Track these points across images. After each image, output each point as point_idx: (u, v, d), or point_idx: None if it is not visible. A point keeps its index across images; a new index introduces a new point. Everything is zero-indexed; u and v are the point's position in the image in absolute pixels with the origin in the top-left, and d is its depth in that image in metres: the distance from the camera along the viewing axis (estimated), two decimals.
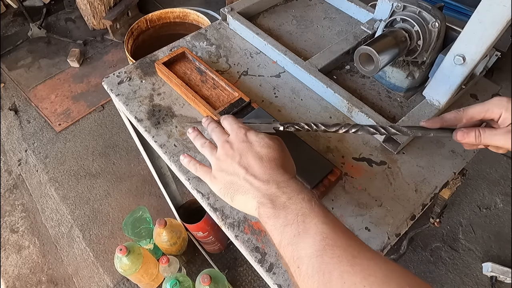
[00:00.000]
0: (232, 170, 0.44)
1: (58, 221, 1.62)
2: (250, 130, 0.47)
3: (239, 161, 0.44)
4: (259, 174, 0.43)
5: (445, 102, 0.63)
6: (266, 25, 0.85)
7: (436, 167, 0.62)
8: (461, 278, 1.44)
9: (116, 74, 0.73)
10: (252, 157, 0.44)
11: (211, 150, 0.48)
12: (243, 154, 0.45)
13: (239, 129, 0.47)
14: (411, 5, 0.61)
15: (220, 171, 0.46)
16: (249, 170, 0.43)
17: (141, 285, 1.38)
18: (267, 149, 0.45)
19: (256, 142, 0.45)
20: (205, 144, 0.50)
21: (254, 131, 0.47)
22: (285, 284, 0.50)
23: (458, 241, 1.53)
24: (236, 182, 0.44)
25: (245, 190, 0.43)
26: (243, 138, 0.46)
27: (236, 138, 0.46)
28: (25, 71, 2.17)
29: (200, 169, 0.49)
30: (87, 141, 1.86)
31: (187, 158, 0.52)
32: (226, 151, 0.46)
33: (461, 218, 1.59)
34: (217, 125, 0.51)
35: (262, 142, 0.45)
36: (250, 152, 0.45)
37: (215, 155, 0.47)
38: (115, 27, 2.21)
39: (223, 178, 0.45)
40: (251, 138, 0.46)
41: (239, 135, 0.47)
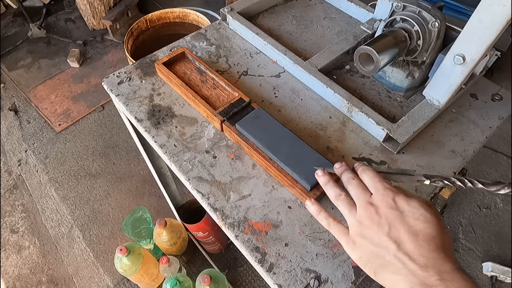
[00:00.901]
0: (378, 242, 0.38)
1: (58, 221, 1.62)
2: (399, 193, 0.39)
3: (388, 232, 0.37)
4: (415, 255, 0.36)
5: (445, 101, 0.63)
6: (266, 25, 0.85)
7: (436, 167, 0.62)
8: None
9: (116, 74, 0.73)
10: (405, 231, 0.37)
11: (350, 208, 0.41)
12: (393, 225, 0.38)
13: (386, 191, 0.40)
14: (411, 5, 0.61)
15: (362, 238, 0.39)
16: (402, 246, 0.36)
17: (141, 285, 1.38)
18: (423, 223, 0.37)
19: (408, 211, 0.38)
20: (341, 197, 0.43)
21: (405, 196, 0.39)
22: (285, 284, 0.50)
23: (458, 240, 1.53)
24: (383, 256, 0.37)
25: (395, 270, 0.36)
26: (392, 204, 0.39)
27: (382, 202, 0.39)
28: (25, 72, 2.17)
29: (335, 226, 0.43)
30: (87, 141, 1.86)
31: (316, 206, 0.45)
32: (371, 215, 0.39)
33: (461, 218, 1.59)
34: (354, 176, 0.44)
35: (416, 214, 0.37)
36: (402, 223, 0.37)
37: (355, 216, 0.40)
38: (115, 27, 2.21)
39: (365, 248, 0.39)
40: (402, 205, 0.38)
41: (386, 198, 0.39)
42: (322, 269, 0.51)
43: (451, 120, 0.68)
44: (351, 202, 0.42)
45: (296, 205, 0.57)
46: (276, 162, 0.58)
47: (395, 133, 0.60)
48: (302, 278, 0.50)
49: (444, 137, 0.65)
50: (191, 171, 0.60)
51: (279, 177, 0.58)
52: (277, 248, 0.53)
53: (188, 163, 0.61)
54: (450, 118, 0.68)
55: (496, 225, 1.56)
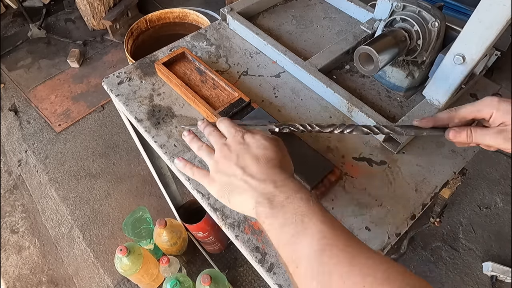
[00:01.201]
0: (229, 171, 0.45)
1: (58, 221, 1.62)
2: (247, 132, 0.48)
3: (236, 161, 0.45)
4: (256, 174, 0.43)
5: (445, 101, 0.63)
6: (265, 25, 0.85)
7: (436, 167, 0.62)
8: (462, 277, 1.44)
9: (116, 74, 0.73)
10: (249, 158, 0.44)
11: (209, 153, 0.49)
12: (240, 155, 0.45)
13: (236, 132, 0.48)
14: (410, 4, 0.61)
15: (217, 173, 0.46)
16: (246, 170, 0.44)
17: (141, 285, 1.38)
18: (263, 150, 0.45)
19: (253, 143, 0.46)
20: (202, 147, 0.50)
21: (251, 133, 0.48)
22: (286, 284, 0.50)
23: (459, 240, 1.53)
24: (233, 182, 0.44)
25: (242, 190, 0.43)
26: (240, 140, 0.47)
27: (233, 140, 0.47)
28: (25, 72, 2.17)
29: (197, 172, 0.49)
30: (87, 141, 1.86)
31: (182, 162, 0.51)
32: (224, 153, 0.46)
33: (461, 218, 1.59)
34: (214, 129, 0.51)
35: (258, 143, 0.46)
36: (247, 153, 0.45)
37: (213, 157, 0.48)
38: (114, 28, 2.21)
39: (220, 180, 0.45)
40: (248, 139, 0.47)
41: (236, 137, 0.47)
42: None
43: None
44: (210, 149, 0.49)
45: None
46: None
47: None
48: None
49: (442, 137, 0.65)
50: None
51: None
52: None
53: None
54: None
55: (496, 225, 1.56)
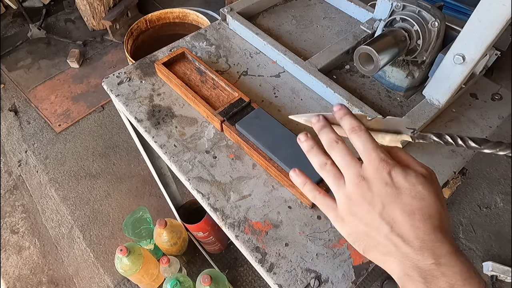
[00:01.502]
0: (370, 221, 0.34)
1: (59, 221, 1.62)
2: (396, 166, 0.34)
3: (381, 212, 0.33)
4: (409, 237, 0.32)
5: (445, 101, 0.63)
6: (265, 25, 0.85)
7: (436, 167, 0.62)
8: None
9: (116, 74, 0.73)
10: (400, 211, 0.33)
11: (338, 180, 0.36)
12: (387, 204, 0.33)
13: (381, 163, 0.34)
14: (410, 4, 0.61)
15: (351, 215, 0.35)
16: (395, 228, 0.33)
17: (141, 285, 1.38)
18: (420, 201, 0.33)
19: (405, 189, 0.33)
20: (326, 166, 0.36)
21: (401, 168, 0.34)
22: (286, 284, 0.50)
23: (459, 240, 1.53)
24: (374, 237, 0.34)
25: (387, 252, 0.33)
26: (387, 180, 0.33)
27: (376, 176, 0.34)
28: (25, 72, 2.17)
29: (321, 200, 0.38)
30: (87, 141, 1.86)
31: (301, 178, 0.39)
32: (363, 191, 0.34)
33: (461, 217, 1.59)
34: (337, 138, 0.36)
35: (414, 191, 0.33)
36: (397, 202, 0.33)
37: (344, 190, 0.35)
38: (114, 28, 2.21)
39: (355, 226, 0.35)
40: (399, 181, 0.33)
41: (381, 172, 0.33)
42: (322, 269, 0.51)
43: (451, 120, 0.68)
44: (338, 173, 0.36)
45: (296, 205, 0.57)
46: (276, 162, 0.58)
47: None
48: (303, 278, 0.50)
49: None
50: (191, 171, 0.60)
51: (279, 177, 0.58)
52: (277, 248, 0.53)
53: (188, 163, 0.61)
54: (450, 118, 0.68)
55: (496, 225, 1.56)
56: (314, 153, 0.37)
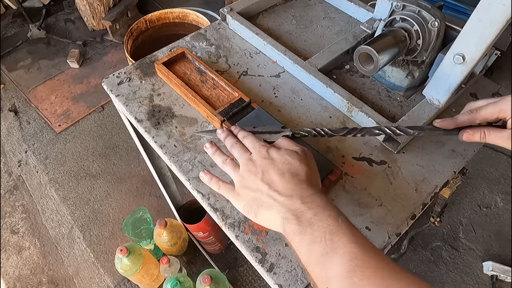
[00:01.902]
0: (255, 187, 0.45)
1: (59, 222, 1.62)
2: (272, 147, 0.48)
3: (262, 177, 0.45)
4: (282, 189, 0.43)
5: (445, 101, 0.63)
6: (265, 25, 0.85)
7: (436, 166, 0.62)
8: (462, 277, 1.44)
9: (116, 74, 0.73)
10: (275, 173, 0.44)
11: (234, 168, 0.49)
12: (266, 171, 0.45)
13: (261, 147, 0.48)
14: (410, 4, 0.61)
15: (243, 188, 0.46)
16: (272, 185, 0.44)
17: (141, 285, 1.38)
18: (288, 164, 0.45)
19: (278, 158, 0.46)
20: (226, 161, 0.50)
21: (276, 148, 0.48)
22: (286, 284, 0.50)
23: (459, 240, 1.53)
24: (259, 198, 0.44)
25: (268, 206, 0.43)
26: (265, 155, 0.47)
27: (258, 155, 0.47)
28: (25, 72, 2.17)
29: (224, 187, 0.49)
30: (87, 142, 1.86)
31: (208, 175, 0.51)
32: (249, 168, 0.46)
33: (461, 217, 1.59)
34: (236, 140, 0.51)
35: (283, 158, 0.46)
36: (272, 168, 0.45)
37: (238, 172, 0.48)
38: (114, 28, 2.21)
39: (246, 195, 0.46)
40: (273, 154, 0.47)
41: (261, 152, 0.47)
42: None
43: None
44: (235, 164, 0.49)
45: None
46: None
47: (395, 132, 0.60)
48: (303, 278, 0.50)
49: (444, 136, 0.65)
50: (191, 171, 0.60)
51: None
52: (278, 248, 0.53)
53: (188, 163, 0.61)
54: None
55: (497, 225, 1.56)
56: (218, 154, 0.52)
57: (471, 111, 0.49)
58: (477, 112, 0.48)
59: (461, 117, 0.50)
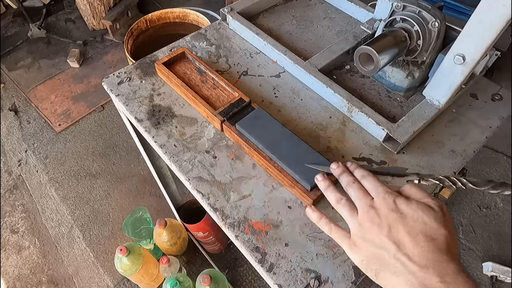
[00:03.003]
0: (379, 243, 0.38)
1: (58, 221, 1.62)
2: (400, 196, 0.40)
3: (388, 234, 0.38)
4: (414, 256, 0.36)
5: (445, 101, 0.63)
6: (266, 25, 0.85)
7: (436, 167, 0.62)
8: None
9: (116, 74, 0.73)
10: (405, 232, 0.37)
11: (351, 212, 0.42)
12: (393, 226, 0.38)
13: (387, 194, 0.40)
14: (411, 4, 0.61)
15: (363, 240, 0.40)
16: (401, 247, 0.37)
17: (141, 285, 1.38)
18: (423, 225, 0.37)
19: (408, 213, 0.38)
20: (342, 201, 0.43)
21: (406, 198, 0.40)
22: (286, 284, 0.50)
23: (459, 240, 1.53)
24: (383, 257, 0.38)
25: (395, 271, 0.37)
26: (392, 206, 0.39)
27: (383, 204, 0.39)
28: (25, 72, 2.17)
29: (336, 231, 0.43)
30: (87, 141, 1.86)
31: (317, 213, 0.45)
32: (371, 217, 0.39)
33: (461, 218, 1.59)
34: (354, 180, 0.44)
35: (416, 215, 0.38)
36: (402, 225, 0.37)
37: (357, 218, 0.41)
38: (115, 28, 2.21)
39: (366, 250, 0.39)
40: (402, 207, 0.39)
41: (388, 201, 0.39)
42: (322, 269, 0.51)
43: (451, 120, 0.68)
44: (352, 206, 0.42)
45: (296, 205, 0.57)
46: (276, 162, 0.58)
47: (395, 133, 0.60)
48: (302, 278, 0.50)
49: (444, 137, 0.65)
50: (191, 171, 0.60)
51: (279, 177, 0.58)
52: (277, 248, 0.53)
53: (188, 163, 0.61)
54: (450, 118, 0.68)
55: (496, 225, 1.56)
56: (331, 190, 0.45)
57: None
58: None
59: None
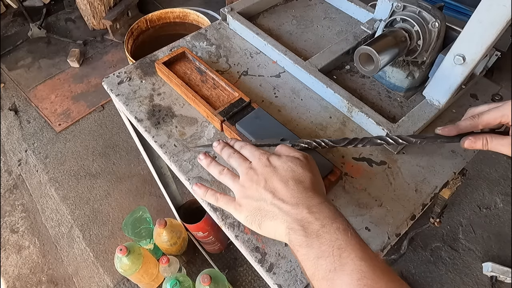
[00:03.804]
0: (258, 196, 0.43)
1: (58, 221, 1.62)
2: (272, 154, 0.46)
3: (265, 185, 0.43)
4: (287, 198, 0.41)
5: (445, 102, 0.63)
6: (266, 25, 0.85)
7: (436, 167, 0.62)
8: (461, 278, 1.44)
9: (116, 74, 0.73)
10: (278, 181, 0.43)
11: (233, 178, 0.46)
12: (268, 179, 0.43)
13: (261, 155, 0.46)
14: (411, 5, 0.61)
15: (245, 198, 0.44)
16: (276, 194, 0.42)
17: (141, 285, 1.38)
18: (291, 172, 0.43)
19: (280, 165, 0.44)
20: (223, 171, 0.48)
21: (277, 155, 0.46)
22: (285, 284, 0.50)
23: (458, 241, 1.53)
24: (263, 207, 0.42)
25: (273, 215, 0.41)
26: (266, 163, 0.45)
27: (259, 164, 0.45)
28: (25, 71, 2.17)
29: (222, 198, 0.47)
30: (87, 141, 1.86)
31: (202, 189, 0.49)
32: (251, 176, 0.44)
33: (461, 218, 1.59)
34: (234, 151, 0.49)
35: (285, 165, 0.44)
36: (275, 176, 0.43)
37: (238, 182, 0.45)
38: (115, 27, 2.21)
39: (249, 205, 0.43)
40: (275, 162, 0.45)
41: (262, 160, 0.45)
42: None
43: (451, 120, 0.68)
44: (233, 174, 0.47)
45: None
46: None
47: (395, 133, 0.60)
48: (302, 278, 0.50)
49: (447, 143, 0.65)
50: (191, 171, 0.60)
51: None
52: (277, 248, 0.53)
53: (188, 163, 0.61)
54: (450, 118, 0.68)
55: (496, 225, 1.56)
56: (213, 165, 0.49)
57: (473, 117, 0.48)
58: (479, 118, 0.47)
59: (463, 123, 0.49)
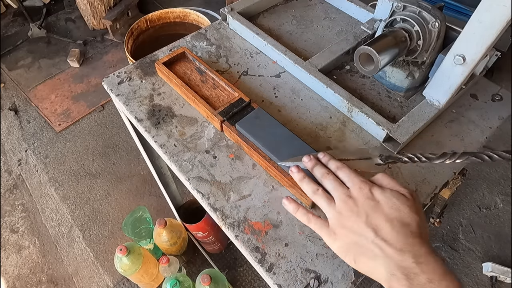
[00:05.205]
0: (357, 230, 0.40)
1: (58, 221, 1.62)
2: (375, 186, 0.42)
3: (366, 221, 0.40)
4: (391, 240, 0.38)
5: (445, 102, 0.63)
6: (266, 25, 0.85)
7: (436, 167, 0.62)
8: (461, 278, 1.44)
9: (116, 74, 0.73)
10: (382, 219, 0.39)
11: (329, 201, 0.43)
12: (370, 214, 0.40)
13: (363, 183, 0.42)
14: (411, 5, 0.61)
15: (342, 228, 0.41)
16: (379, 233, 0.39)
17: (141, 285, 1.38)
18: (397, 211, 0.40)
19: (383, 201, 0.41)
20: (318, 191, 0.45)
21: (380, 188, 0.42)
22: (285, 284, 0.50)
23: (458, 241, 1.53)
24: (362, 244, 0.40)
25: (373, 255, 0.39)
26: (368, 195, 0.41)
27: (360, 194, 0.42)
28: (25, 71, 2.17)
29: (315, 221, 0.44)
30: (87, 141, 1.86)
31: (293, 204, 0.47)
32: (350, 207, 0.41)
33: (461, 218, 1.59)
34: (327, 171, 0.46)
35: (390, 202, 0.40)
36: (378, 212, 0.40)
37: (334, 208, 0.42)
38: (115, 27, 2.21)
39: (345, 236, 0.41)
40: (378, 196, 0.41)
41: (364, 190, 0.42)
42: (322, 269, 0.51)
43: (451, 120, 0.68)
44: (329, 196, 0.44)
45: None
46: (276, 162, 0.58)
47: (395, 133, 0.60)
48: (302, 278, 0.50)
49: (444, 137, 0.65)
50: (191, 171, 0.60)
51: (279, 177, 0.58)
52: (277, 248, 0.53)
53: (188, 163, 0.61)
54: (450, 118, 0.68)
55: (496, 226, 1.56)
56: (307, 182, 0.46)
57: None
58: None
59: None
